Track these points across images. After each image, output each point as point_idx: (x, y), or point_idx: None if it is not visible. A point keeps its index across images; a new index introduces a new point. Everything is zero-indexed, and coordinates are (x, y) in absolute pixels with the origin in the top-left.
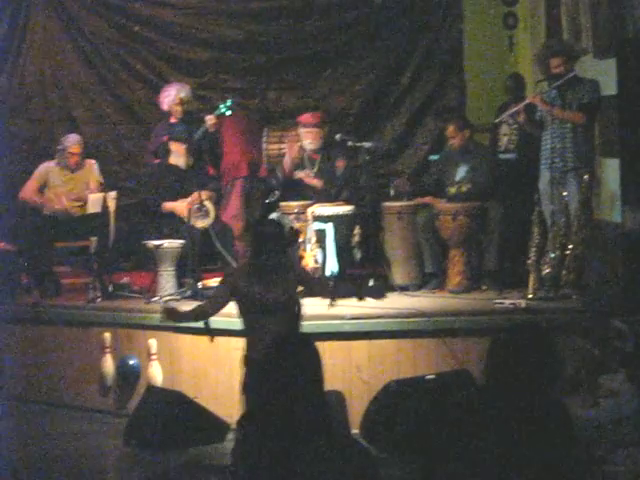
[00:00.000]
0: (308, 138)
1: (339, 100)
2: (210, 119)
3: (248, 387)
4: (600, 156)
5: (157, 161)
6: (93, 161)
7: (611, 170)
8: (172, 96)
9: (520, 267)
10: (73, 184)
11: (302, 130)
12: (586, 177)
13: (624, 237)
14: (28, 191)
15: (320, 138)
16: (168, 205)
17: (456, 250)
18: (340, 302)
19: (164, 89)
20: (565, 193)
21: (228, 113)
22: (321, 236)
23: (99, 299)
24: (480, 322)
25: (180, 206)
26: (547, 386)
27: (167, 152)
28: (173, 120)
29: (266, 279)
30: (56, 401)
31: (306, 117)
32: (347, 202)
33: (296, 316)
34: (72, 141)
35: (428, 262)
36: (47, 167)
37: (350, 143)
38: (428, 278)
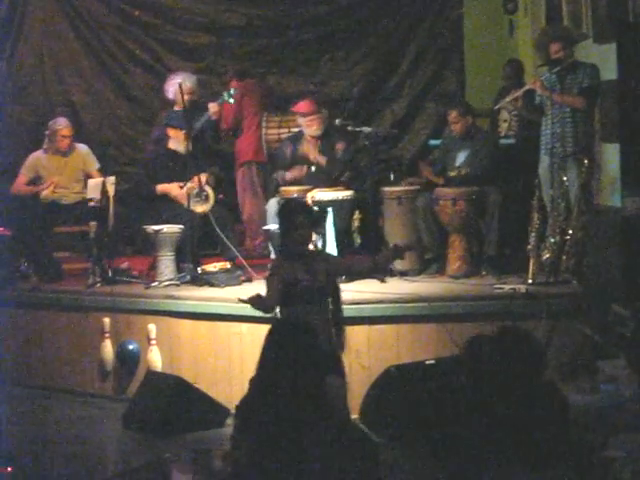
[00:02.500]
0: (312, 126)
1: (339, 85)
2: (213, 107)
3: None
4: (600, 141)
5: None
6: (84, 146)
7: (611, 155)
8: (177, 86)
9: (520, 252)
10: (66, 169)
11: (303, 120)
12: (586, 162)
13: (624, 222)
14: (19, 185)
15: (322, 122)
16: (161, 187)
17: (456, 235)
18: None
19: (170, 78)
20: (565, 178)
21: (231, 101)
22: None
23: (99, 284)
24: (480, 307)
25: (173, 188)
26: (533, 376)
27: (166, 138)
28: (177, 108)
29: (307, 263)
30: (55, 386)
31: (305, 106)
32: (347, 186)
33: (336, 301)
34: (62, 124)
35: (428, 247)
36: (36, 157)
37: (350, 128)
38: (428, 263)
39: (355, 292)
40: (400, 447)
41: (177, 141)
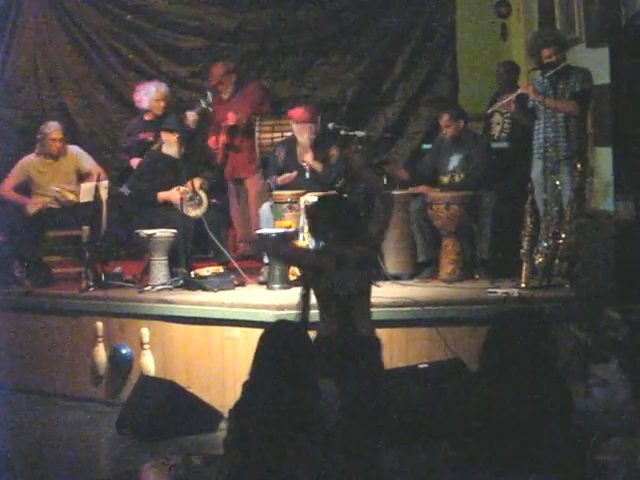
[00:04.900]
0: (304, 133)
1: (332, 89)
2: (191, 115)
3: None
4: (593, 145)
5: (134, 160)
6: (76, 147)
7: (604, 159)
8: (153, 92)
9: (513, 256)
10: (58, 173)
11: (297, 126)
12: (579, 166)
13: (617, 226)
14: (6, 187)
15: (311, 133)
16: (163, 195)
17: (449, 239)
18: None
19: (141, 88)
20: (558, 182)
21: (210, 109)
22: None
23: (91, 288)
24: (473, 311)
25: (174, 194)
26: (545, 371)
27: (149, 146)
28: (148, 117)
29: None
30: (48, 390)
31: (299, 113)
32: (340, 191)
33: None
34: (52, 127)
35: (421, 251)
36: (27, 161)
37: (343, 132)
38: (421, 267)
39: None
40: (394, 451)
41: (170, 145)
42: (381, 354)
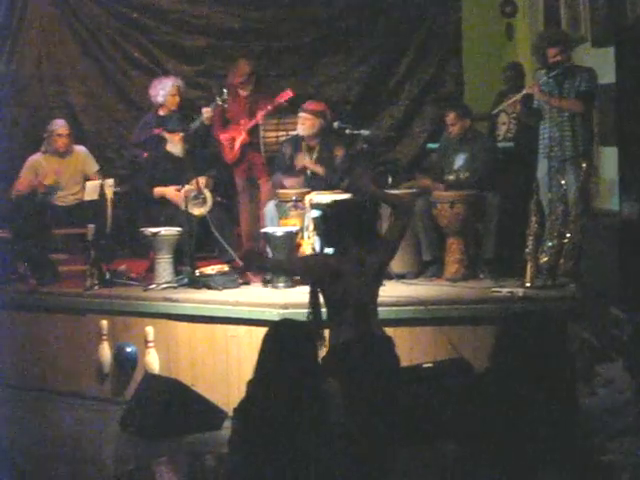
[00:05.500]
0: (299, 122)
1: (337, 88)
2: (207, 111)
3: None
4: (598, 145)
5: (145, 155)
6: (83, 148)
7: (609, 159)
8: (169, 87)
9: (518, 255)
10: (64, 171)
11: (305, 116)
12: (584, 166)
13: (622, 225)
14: (22, 185)
15: (311, 127)
16: (158, 190)
17: (454, 238)
18: None
19: (157, 82)
20: (563, 182)
21: (226, 106)
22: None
23: (96, 286)
24: (477, 310)
25: (169, 191)
26: (556, 372)
27: (162, 141)
28: (162, 112)
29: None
30: (53, 388)
31: (307, 103)
32: (345, 190)
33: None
34: (58, 124)
35: (426, 250)
36: (35, 160)
37: (348, 131)
38: (425, 266)
39: None
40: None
41: (174, 143)
42: (395, 351)
